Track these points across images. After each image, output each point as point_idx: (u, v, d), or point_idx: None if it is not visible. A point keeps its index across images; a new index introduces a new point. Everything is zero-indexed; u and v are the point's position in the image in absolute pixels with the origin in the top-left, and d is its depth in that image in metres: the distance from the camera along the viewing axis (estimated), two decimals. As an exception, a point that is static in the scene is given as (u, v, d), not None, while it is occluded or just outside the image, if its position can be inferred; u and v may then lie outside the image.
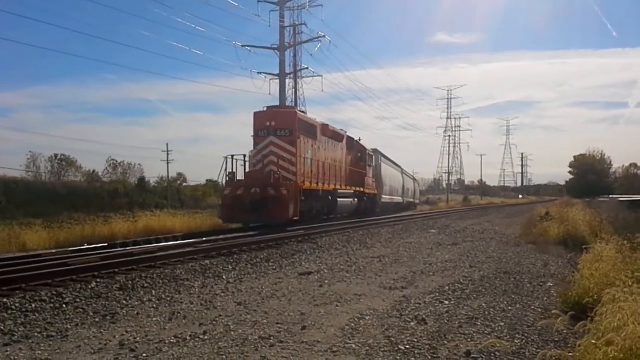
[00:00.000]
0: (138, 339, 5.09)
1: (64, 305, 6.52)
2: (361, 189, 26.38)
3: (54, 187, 39.06)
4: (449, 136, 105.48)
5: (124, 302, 6.75)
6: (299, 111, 21.36)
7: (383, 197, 32.46)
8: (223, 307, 6.48)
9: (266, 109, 19.82)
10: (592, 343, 3.58)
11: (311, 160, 19.88)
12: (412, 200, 45.72)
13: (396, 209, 36.49)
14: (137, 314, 6.16)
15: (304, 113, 21.62)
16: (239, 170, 18.73)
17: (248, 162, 19.20)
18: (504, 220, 27.73)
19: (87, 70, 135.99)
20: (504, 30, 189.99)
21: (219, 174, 18.05)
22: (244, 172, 18.92)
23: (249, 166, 19.07)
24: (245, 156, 19.28)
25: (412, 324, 5.64)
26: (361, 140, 27.92)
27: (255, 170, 18.41)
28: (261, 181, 17.46)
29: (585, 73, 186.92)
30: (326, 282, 8.24)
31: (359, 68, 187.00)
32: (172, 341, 4.99)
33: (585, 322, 4.11)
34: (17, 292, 7.14)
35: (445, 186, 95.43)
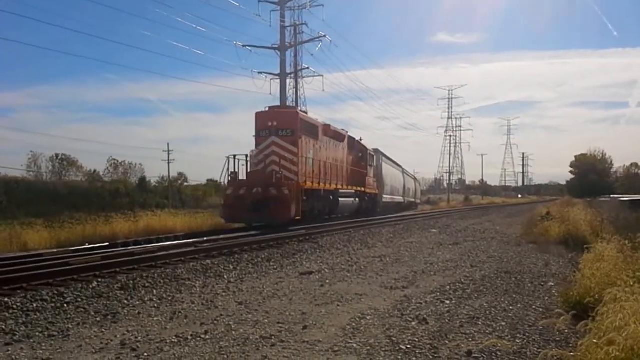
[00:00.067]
0: (139, 338, 5.09)
1: (65, 305, 6.53)
2: (362, 189, 26.39)
3: (55, 187, 39.11)
4: (450, 136, 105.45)
5: (125, 302, 6.76)
6: (300, 111, 21.40)
7: (384, 196, 32.47)
8: (224, 306, 6.49)
9: (268, 109, 19.86)
10: (593, 342, 3.58)
11: (313, 160, 19.89)
12: (413, 200, 45.72)
13: (397, 209, 36.49)
14: (139, 313, 6.16)
15: (305, 113, 21.61)
16: (241, 170, 18.80)
17: (249, 162, 19.24)
18: (505, 219, 27.73)
19: (87, 70, 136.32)
20: (504, 30, 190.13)
21: (221, 173, 18.09)
22: (246, 172, 18.97)
23: (251, 166, 19.10)
24: (247, 156, 19.32)
25: (413, 323, 5.63)
26: (362, 140, 27.94)
27: (257, 170, 18.43)
28: (263, 181, 17.48)
29: (586, 73, 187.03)
30: (327, 281, 8.24)
31: (359, 68, 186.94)
32: (174, 341, 5.00)
33: (586, 322, 4.12)
34: (18, 291, 7.15)
35: (446, 186, 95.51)
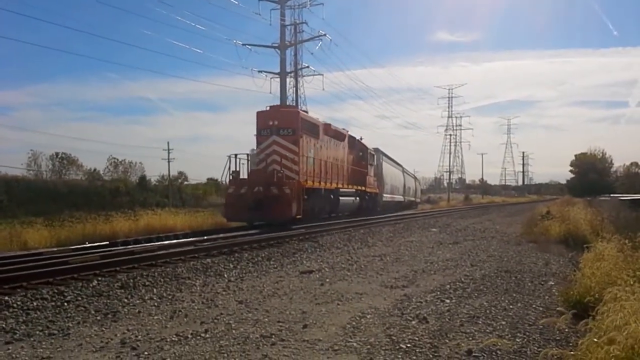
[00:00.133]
0: (139, 337, 5.09)
1: (65, 304, 6.53)
2: (363, 188, 26.42)
3: (55, 186, 39.12)
4: (450, 135, 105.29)
5: (125, 301, 6.76)
6: (301, 111, 21.43)
7: (384, 195, 32.50)
8: (224, 305, 6.49)
9: (269, 108, 19.89)
10: (593, 341, 3.58)
11: (313, 159, 19.93)
12: (413, 199, 45.74)
13: (397, 208, 36.51)
14: (139, 312, 6.17)
15: (306, 112, 21.64)
16: (242, 169, 18.85)
17: (249, 160, 19.29)
18: (505, 219, 27.74)
19: (87, 68, 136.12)
20: (504, 29, 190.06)
21: (223, 172, 18.11)
22: (247, 171, 19.00)
23: (252, 165, 19.16)
24: (248, 155, 19.37)
25: (413, 322, 5.64)
26: (362, 139, 27.96)
27: (259, 169, 18.48)
28: (264, 180, 17.51)
29: (586, 72, 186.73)
30: (327, 280, 8.24)
31: (359, 67, 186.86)
32: (174, 339, 5.00)
33: (587, 321, 4.12)
34: (18, 290, 7.15)
35: (446, 185, 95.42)
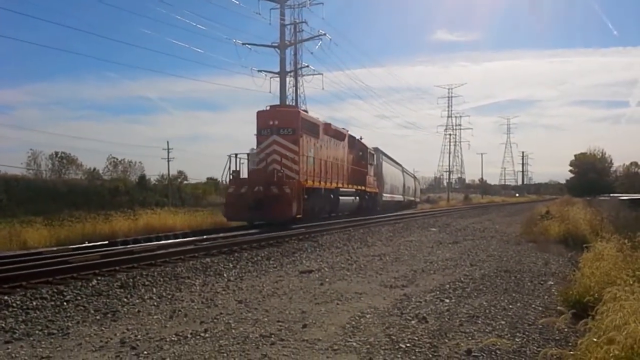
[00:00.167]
0: (139, 336, 5.09)
1: (64, 303, 6.53)
2: (362, 188, 26.43)
3: (54, 185, 39.09)
4: (450, 134, 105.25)
5: (124, 300, 6.76)
6: (301, 110, 21.45)
7: (384, 195, 32.50)
8: (224, 305, 6.49)
9: (269, 108, 19.91)
10: (593, 341, 3.58)
11: (313, 158, 19.95)
12: (412, 199, 45.75)
13: (397, 207, 36.51)
14: (138, 311, 6.17)
15: (306, 112, 21.66)
16: (243, 169, 18.89)
17: (250, 160, 19.33)
18: (505, 218, 27.74)
19: (87, 67, 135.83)
20: (504, 29, 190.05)
21: (223, 172, 18.15)
22: (247, 171, 19.02)
23: (252, 164, 19.21)
24: (249, 155, 19.41)
25: (412, 322, 5.64)
26: (362, 139, 27.99)
27: (259, 168, 18.52)
28: (264, 179, 17.54)
29: (586, 72, 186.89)
30: (327, 280, 8.24)
31: (359, 66, 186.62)
32: (173, 339, 5.00)
33: (586, 321, 4.12)
34: (18, 289, 7.15)
35: (445, 184, 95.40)
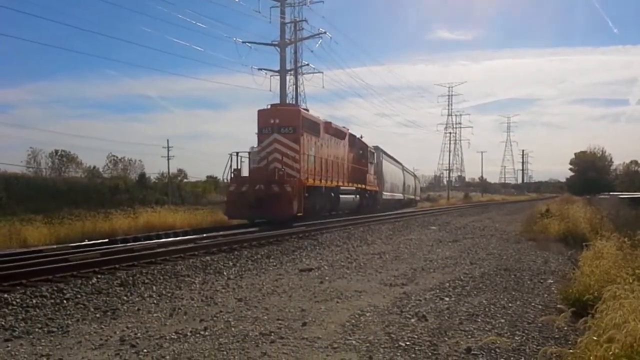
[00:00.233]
0: (139, 334, 5.10)
1: (64, 301, 6.53)
2: (363, 186, 26.45)
3: (54, 183, 39.06)
4: (450, 133, 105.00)
5: (124, 298, 6.76)
6: (302, 109, 21.46)
7: (384, 193, 32.50)
8: (224, 303, 6.49)
9: (270, 106, 19.93)
10: (593, 340, 3.58)
11: (314, 157, 19.97)
12: (412, 197, 45.75)
13: (397, 206, 36.51)
14: (138, 309, 6.17)
15: (307, 110, 21.67)
16: (244, 167, 18.92)
17: (251, 158, 19.36)
18: (505, 217, 27.74)
19: (87, 66, 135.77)
20: (504, 27, 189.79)
21: (224, 170, 18.17)
22: (248, 169, 19.05)
23: (253, 163, 19.26)
24: (249, 153, 19.43)
25: (412, 320, 5.64)
26: (363, 137, 28.00)
27: (260, 167, 18.55)
28: (265, 178, 17.57)
29: (586, 70, 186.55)
30: (326, 278, 8.25)
31: (359, 64, 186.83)
32: (173, 337, 5.00)
33: (586, 319, 4.11)
34: (17, 287, 7.15)
35: (445, 183, 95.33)
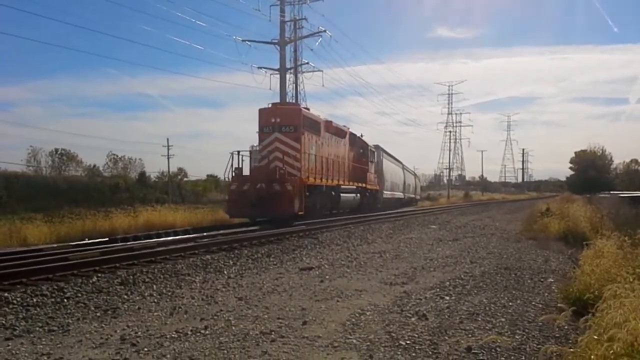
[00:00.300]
0: (139, 333, 5.10)
1: (65, 300, 6.53)
2: (363, 185, 26.47)
3: (54, 182, 39.12)
4: (450, 132, 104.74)
5: (125, 297, 6.76)
6: (303, 108, 21.48)
7: (384, 192, 32.51)
8: (224, 302, 6.49)
9: (271, 105, 19.96)
10: (593, 338, 3.58)
11: (315, 156, 20.00)
12: (413, 196, 45.76)
13: (397, 205, 36.51)
14: (138, 308, 6.17)
15: (307, 109, 21.68)
16: (245, 166, 18.96)
17: (252, 157, 19.40)
18: (505, 216, 27.73)
19: (87, 64, 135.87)
20: (505, 26, 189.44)
21: (226, 169, 18.23)
22: (249, 168, 19.10)
23: (254, 161, 19.31)
24: (250, 152, 19.46)
25: (412, 319, 5.64)
26: (363, 136, 28.02)
27: (261, 165, 18.59)
28: (267, 176, 17.61)
29: (586, 69, 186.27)
30: (327, 277, 8.25)
31: (359, 63, 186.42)
32: (173, 336, 5.00)
33: (586, 318, 4.11)
34: (18, 286, 7.16)
35: (445, 182, 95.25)
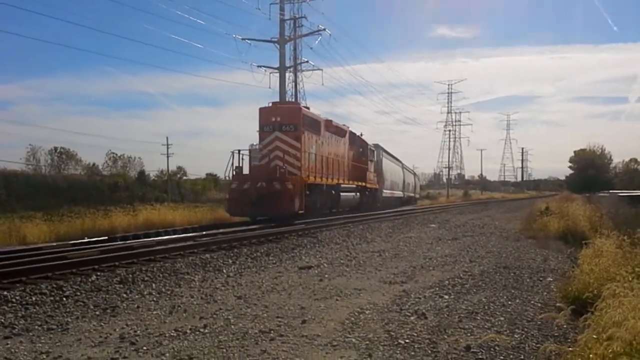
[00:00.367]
0: (138, 332, 5.10)
1: (64, 299, 6.53)
2: (363, 184, 26.50)
3: (54, 180, 39.09)
4: (449, 130, 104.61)
5: (124, 296, 6.76)
6: (303, 107, 21.50)
7: (384, 191, 32.51)
8: (223, 300, 6.49)
9: (271, 104, 19.97)
10: (592, 337, 3.58)
11: (315, 155, 20.02)
12: (412, 195, 45.76)
13: (397, 204, 36.52)
14: (138, 307, 6.17)
15: (307, 108, 21.68)
16: (245, 165, 19.01)
17: (252, 156, 19.43)
18: (504, 215, 27.74)
19: (87, 63, 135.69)
20: (504, 25, 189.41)
21: (226, 168, 18.26)
22: (249, 167, 19.12)
23: (254, 160, 19.35)
24: (250, 151, 19.47)
25: (411, 318, 5.64)
26: (363, 135, 28.05)
27: (261, 164, 18.62)
28: (267, 175, 17.65)
29: (586, 68, 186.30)
30: (326, 276, 8.25)
31: (359, 62, 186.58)
32: (172, 334, 5.00)
33: (585, 317, 4.11)
34: (17, 285, 7.15)
35: (445, 181, 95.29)
